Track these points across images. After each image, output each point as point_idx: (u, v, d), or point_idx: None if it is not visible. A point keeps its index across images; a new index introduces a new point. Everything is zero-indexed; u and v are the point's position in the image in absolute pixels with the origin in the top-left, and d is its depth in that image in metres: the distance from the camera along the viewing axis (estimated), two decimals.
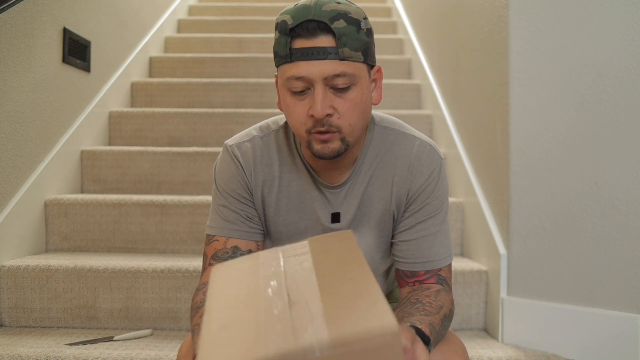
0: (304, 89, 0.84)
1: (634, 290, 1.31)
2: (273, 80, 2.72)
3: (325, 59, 0.82)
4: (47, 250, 1.88)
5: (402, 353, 0.53)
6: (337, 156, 0.87)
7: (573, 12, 1.42)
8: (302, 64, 0.83)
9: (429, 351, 0.78)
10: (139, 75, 2.86)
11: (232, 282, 0.66)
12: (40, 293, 1.58)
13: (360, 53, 0.85)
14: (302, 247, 0.69)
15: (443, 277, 0.96)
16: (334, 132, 0.85)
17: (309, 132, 0.86)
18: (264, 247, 1.03)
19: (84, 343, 1.42)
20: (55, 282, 1.58)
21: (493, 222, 1.65)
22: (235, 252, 0.95)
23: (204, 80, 2.75)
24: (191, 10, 3.95)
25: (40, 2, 1.85)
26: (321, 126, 0.84)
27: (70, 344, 1.40)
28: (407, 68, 2.99)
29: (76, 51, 2.11)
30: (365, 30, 0.85)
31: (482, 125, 1.78)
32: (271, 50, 3.22)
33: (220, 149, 2.15)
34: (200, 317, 0.82)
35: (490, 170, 1.70)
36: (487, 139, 1.72)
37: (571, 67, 1.43)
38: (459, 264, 1.67)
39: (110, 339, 1.46)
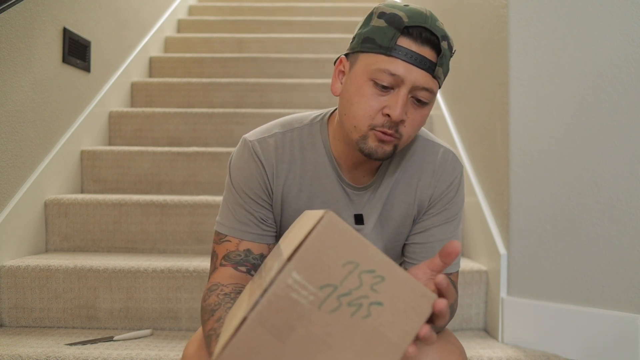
0: (388, 86, 0.83)
1: (634, 290, 1.31)
2: (273, 80, 2.73)
3: (423, 69, 0.83)
4: (47, 250, 1.88)
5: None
6: (384, 159, 0.87)
7: (573, 12, 1.42)
8: (401, 63, 0.82)
9: None
10: (139, 75, 2.86)
11: (235, 304, 0.71)
12: (40, 293, 1.58)
13: (443, 77, 0.86)
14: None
15: (452, 281, 0.96)
16: (396, 137, 0.85)
17: (372, 127, 0.85)
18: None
19: (84, 343, 1.42)
20: (55, 282, 1.58)
21: (493, 222, 1.65)
22: (247, 255, 0.93)
23: (204, 80, 2.75)
24: (191, 10, 3.95)
25: (40, 2, 1.85)
26: (390, 128, 0.84)
27: (70, 344, 1.40)
28: None
29: (76, 51, 2.11)
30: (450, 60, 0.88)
31: (482, 125, 1.78)
32: (271, 50, 3.24)
33: (220, 149, 2.16)
34: (216, 321, 0.80)
35: (490, 170, 1.70)
36: (487, 139, 1.72)
37: (571, 67, 1.42)
38: None
39: (110, 339, 1.46)
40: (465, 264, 1.68)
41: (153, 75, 3.02)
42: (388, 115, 0.83)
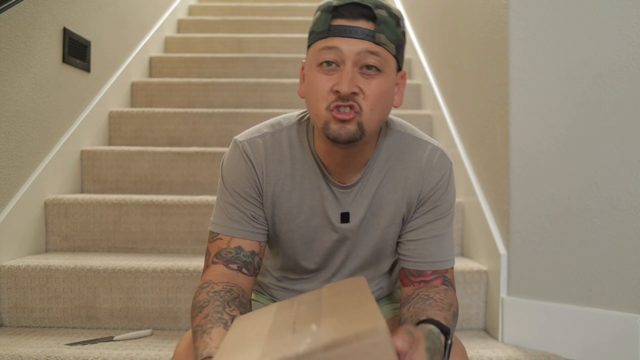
0: (333, 62, 0.85)
1: (634, 290, 1.31)
2: (273, 80, 2.73)
3: (362, 39, 0.84)
4: (47, 250, 1.88)
5: (393, 354, 0.56)
6: (351, 141, 0.86)
7: (573, 12, 1.42)
8: (338, 39, 0.84)
9: (449, 343, 0.79)
10: (139, 75, 2.86)
11: (249, 323, 0.73)
12: (40, 293, 1.58)
13: (394, 45, 0.87)
14: (315, 293, 0.75)
15: (448, 279, 0.97)
16: (356, 112, 0.85)
17: (328, 108, 0.85)
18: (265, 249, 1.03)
19: (84, 343, 1.42)
20: (55, 282, 1.58)
21: (493, 222, 1.65)
22: (238, 252, 0.94)
23: (204, 80, 2.75)
24: (191, 10, 3.95)
25: (40, 2, 1.85)
26: (345, 101, 0.84)
27: (70, 344, 1.40)
28: (408, 68, 2.99)
29: (76, 51, 2.11)
30: (402, 29, 0.88)
31: (482, 125, 1.78)
32: (271, 50, 3.25)
33: (220, 149, 2.16)
34: (204, 317, 0.82)
35: (490, 170, 1.70)
36: (487, 139, 1.72)
37: (571, 67, 1.43)
38: (459, 264, 1.67)
39: (110, 339, 1.46)
40: (465, 264, 1.68)
41: (153, 75, 3.02)
42: (338, 92, 0.84)
